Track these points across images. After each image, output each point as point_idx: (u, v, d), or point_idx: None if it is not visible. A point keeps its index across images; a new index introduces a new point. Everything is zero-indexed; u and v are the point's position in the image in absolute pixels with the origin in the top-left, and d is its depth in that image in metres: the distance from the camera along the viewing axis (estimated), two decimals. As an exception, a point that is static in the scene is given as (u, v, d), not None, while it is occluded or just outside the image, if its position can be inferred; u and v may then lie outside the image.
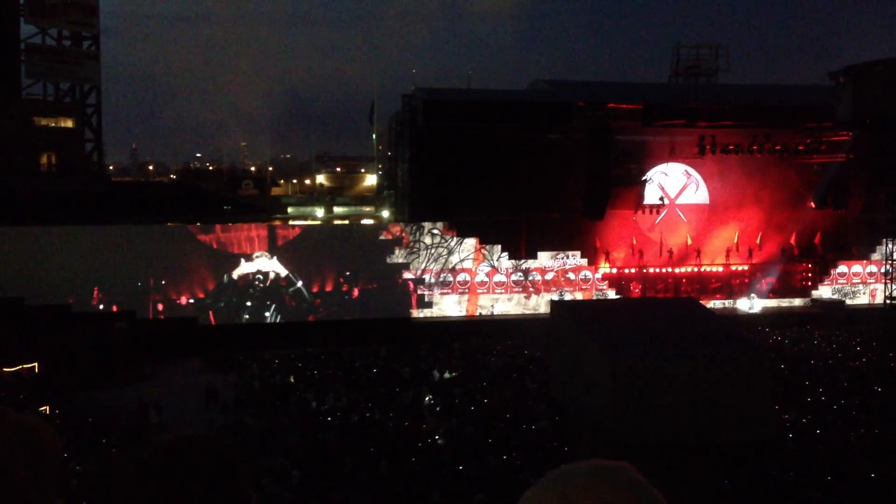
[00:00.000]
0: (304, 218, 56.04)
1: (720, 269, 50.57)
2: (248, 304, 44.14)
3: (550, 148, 48.23)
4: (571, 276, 47.68)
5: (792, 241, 51.60)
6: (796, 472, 20.30)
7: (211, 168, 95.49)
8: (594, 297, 47.11)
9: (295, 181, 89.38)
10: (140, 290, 42.57)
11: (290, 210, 58.31)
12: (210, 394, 31.04)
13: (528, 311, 46.40)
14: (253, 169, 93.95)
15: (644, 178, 49.73)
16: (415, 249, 45.95)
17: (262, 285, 44.29)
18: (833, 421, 25.26)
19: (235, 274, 43.96)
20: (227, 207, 52.38)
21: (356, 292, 45.15)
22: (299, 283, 44.49)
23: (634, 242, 49.78)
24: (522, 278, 47.08)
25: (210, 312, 43.56)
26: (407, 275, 45.88)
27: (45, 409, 29.12)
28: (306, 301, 44.67)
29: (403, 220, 48.13)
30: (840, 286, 50.99)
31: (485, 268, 46.71)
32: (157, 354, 38.38)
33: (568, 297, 46.55)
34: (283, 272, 44.42)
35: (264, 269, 44.26)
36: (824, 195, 50.72)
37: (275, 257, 44.34)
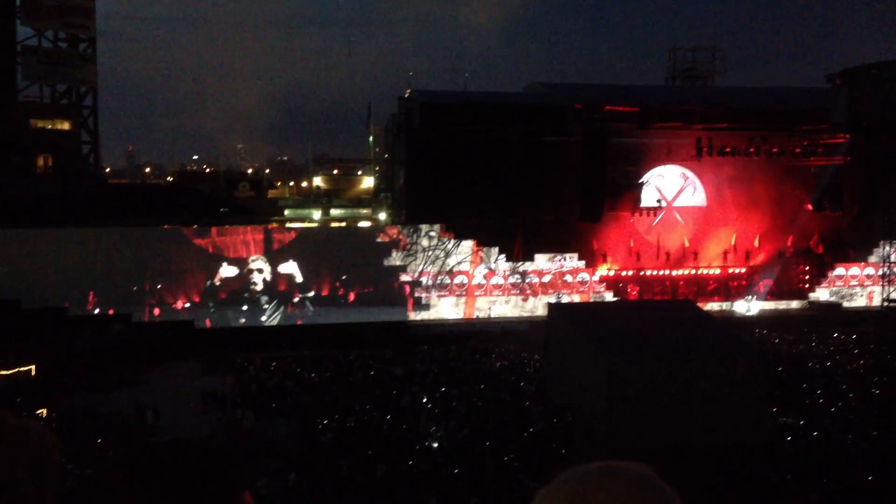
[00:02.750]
0: (301, 220, 55.99)
1: (717, 271, 50.60)
2: (244, 307, 44.08)
3: (547, 150, 48.23)
4: (569, 278, 47.69)
5: (789, 243, 51.66)
6: (793, 475, 20.30)
7: (207, 170, 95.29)
8: (591, 300, 47.14)
9: (292, 183, 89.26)
10: (136, 293, 42.51)
11: (286, 212, 58.24)
12: (207, 397, 30.99)
13: (525, 314, 46.39)
14: (250, 171, 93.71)
15: (641, 180, 49.79)
16: (412, 252, 45.94)
17: (258, 288, 44.25)
18: (830, 424, 25.27)
19: (231, 277, 43.89)
20: (223, 209, 52.33)
21: (352, 296, 45.11)
22: (311, 293, 44.42)
23: (632, 245, 49.81)
24: (520, 280, 47.09)
25: (206, 317, 43.49)
26: (404, 277, 45.86)
27: (42, 412, 29.05)
28: (310, 310, 44.58)
29: (400, 223, 48.13)
30: (837, 288, 51.06)
31: (482, 270, 46.72)
32: (154, 357, 38.29)
33: (565, 299, 46.58)
34: (281, 274, 44.36)
35: (261, 273, 44.23)
36: (821, 198, 50.80)
37: (282, 264, 44.26)
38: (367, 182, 70.25)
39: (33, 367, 34.56)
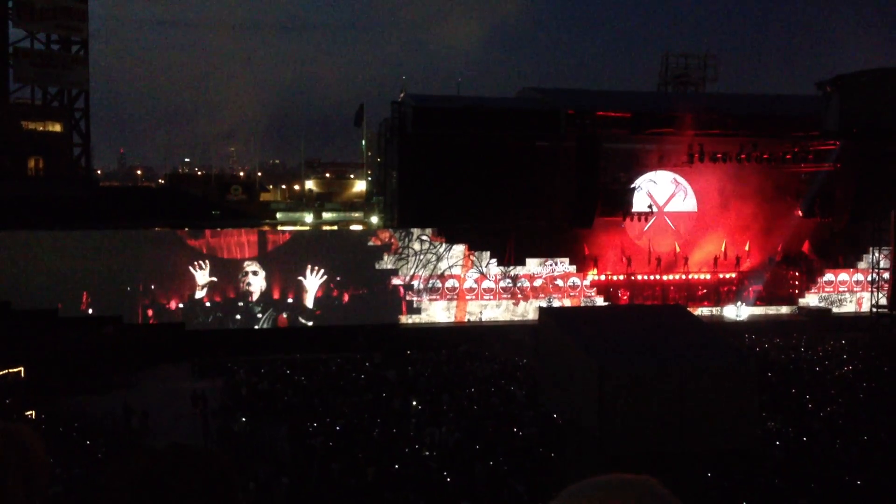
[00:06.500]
0: (293, 223, 55.84)
1: (708, 276, 50.71)
2: (238, 316, 43.92)
3: (539, 155, 48.33)
4: (560, 282, 47.74)
5: (779, 249, 51.82)
6: (782, 479, 20.37)
7: (199, 173, 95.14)
8: (582, 305, 47.18)
9: (284, 187, 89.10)
10: (129, 295, 42.35)
11: (278, 216, 58.04)
12: (197, 399, 30.89)
13: (516, 318, 46.41)
14: (242, 174, 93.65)
15: (633, 185, 49.87)
16: (403, 255, 45.93)
17: (253, 293, 44.13)
18: (819, 429, 25.36)
19: (225, 279, 43.78)
20: (215, 213, 52.16)
21: (346, 297, 45.06)
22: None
23: (623, 250, 49.88)
24: (511, 285, 47.12)
25: (198, 318, 43.35)
26: (396, 281, 45.84)
27: (31, 414, 28.95)
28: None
29: (392, 227, 48.10)
30: (827, 294, 51.22)
31: (473, 274, 46.74)
32: (145, 360, 38.18)
33: (556, 303, 46.62)
34: (272, 279, 44.28)
35: (254, 275, 44.13)
36: (811, 204, 50.97)
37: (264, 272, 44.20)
38: (360, 186, 70.16)
39: (23, 368, 34.40)
